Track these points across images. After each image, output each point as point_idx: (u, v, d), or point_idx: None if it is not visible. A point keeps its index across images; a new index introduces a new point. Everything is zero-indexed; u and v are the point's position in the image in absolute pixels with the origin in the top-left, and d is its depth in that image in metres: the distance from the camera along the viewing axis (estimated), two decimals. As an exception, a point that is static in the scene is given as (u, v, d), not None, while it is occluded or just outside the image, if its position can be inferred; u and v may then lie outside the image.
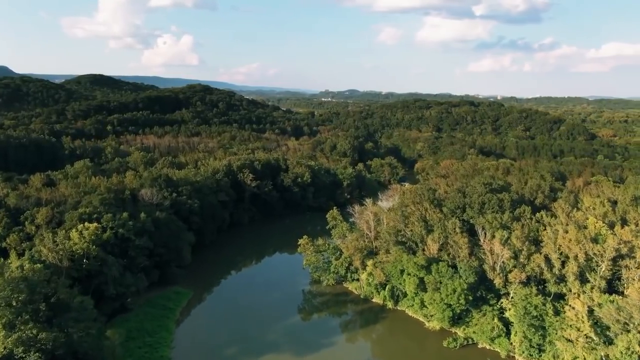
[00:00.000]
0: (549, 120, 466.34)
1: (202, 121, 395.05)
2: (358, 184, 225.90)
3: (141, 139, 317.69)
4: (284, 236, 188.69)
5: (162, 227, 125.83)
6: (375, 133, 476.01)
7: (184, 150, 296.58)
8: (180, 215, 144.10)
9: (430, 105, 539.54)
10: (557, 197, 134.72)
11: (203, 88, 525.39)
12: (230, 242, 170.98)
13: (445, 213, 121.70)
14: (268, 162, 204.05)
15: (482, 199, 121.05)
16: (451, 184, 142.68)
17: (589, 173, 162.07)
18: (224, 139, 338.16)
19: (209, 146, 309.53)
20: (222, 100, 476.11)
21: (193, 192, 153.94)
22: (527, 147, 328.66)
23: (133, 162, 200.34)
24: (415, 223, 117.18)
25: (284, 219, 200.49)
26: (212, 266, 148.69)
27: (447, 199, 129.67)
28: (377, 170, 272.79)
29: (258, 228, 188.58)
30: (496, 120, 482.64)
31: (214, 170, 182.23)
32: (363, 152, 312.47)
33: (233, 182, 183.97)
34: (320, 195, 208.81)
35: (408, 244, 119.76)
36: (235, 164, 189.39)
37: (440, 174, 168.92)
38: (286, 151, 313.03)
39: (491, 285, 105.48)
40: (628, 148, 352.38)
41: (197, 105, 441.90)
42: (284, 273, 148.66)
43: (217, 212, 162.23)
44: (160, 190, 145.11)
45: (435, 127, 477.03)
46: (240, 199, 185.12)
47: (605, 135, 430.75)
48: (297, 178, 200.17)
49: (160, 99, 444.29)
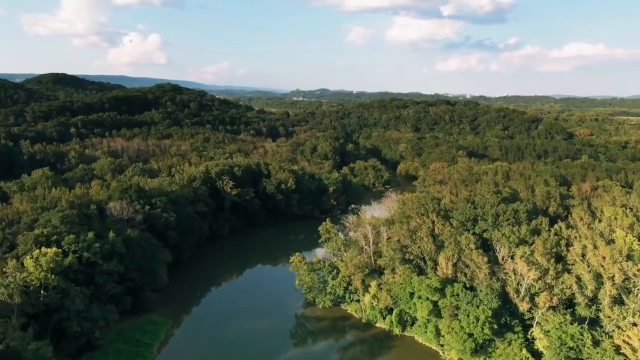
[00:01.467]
0: (527, 119, 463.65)
1: (173, 122, 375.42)
2: (343, 189, 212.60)
3: (108, 142, 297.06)
4: (269, 248, 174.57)
5: (135, 247, 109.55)
6: (352, 133, 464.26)
7: (154, 153, 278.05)
8: (154, 231, 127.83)
9: (407, 105, 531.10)
10: (569, 205, 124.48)
11: (173, 88, 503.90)
12: (211, 256, 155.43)
13: (455, 226, 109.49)
14: (248, 168, 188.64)
15: (496, 210, 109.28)
16: (455, 192, 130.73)
17: (594, 177, 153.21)
18: (197, 141, 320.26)
19: (181, 149, 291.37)
20: (193, 100, 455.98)
21: (168, 203, 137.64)
22: (510, 148, 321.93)
23: (99, 170, 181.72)
24: (425, 238, 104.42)
25: (267, 229, 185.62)
26: (192, 286, 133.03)
27: (454, 209, 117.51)
28: (360, 173, 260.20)
29: (240, 239, 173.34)
30: (474, 119, 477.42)
31: (190, 177, 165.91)
32: (344, 154, 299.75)
33: (211, 190, 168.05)
34: (305, 203, 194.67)
35: (415, 262, 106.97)
36: (214, 170, 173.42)
37: (437, 179, 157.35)
38: (263, 154, 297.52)
39: (514, 309, 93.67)
40: (608, 147, 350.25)
41: (167, 105, 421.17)
42: (272, 292, 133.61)
43: (195, 224, 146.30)
44: (131, 202, 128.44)
45: (413, 127, 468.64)
46: (219, 208, 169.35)
47: (582, 134, 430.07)
48: (280, 184, 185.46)
49: (128, 99, 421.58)
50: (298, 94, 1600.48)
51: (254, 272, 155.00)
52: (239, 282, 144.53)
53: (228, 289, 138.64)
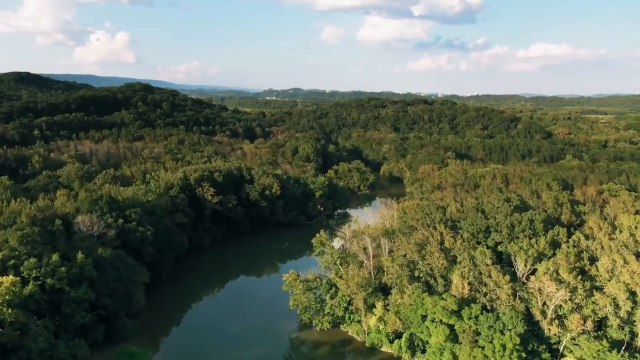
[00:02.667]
0: (506, 118, 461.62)
1: (145, 123, 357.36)
2: (330, 194, 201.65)
3: (75, 144, 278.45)
4: (253, 259, 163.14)
5: (107, 268, 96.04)
6: (331, 133, 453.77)
7: (126, 157, 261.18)
8: (129, 247, 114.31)
9: (385, 104, 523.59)
10: (580, 212, 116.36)
11: (143, 87, 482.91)
12: (191, 272, 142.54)
13: (465, 239, 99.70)
14: (230, 173, 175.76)
15: (511, 220, 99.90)
16: (459, 200, 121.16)
17: (596, 180, 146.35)
18: (171, 143, 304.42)
19: (154, 152, 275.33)
20: (165, 100, 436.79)
21: (144, 215, 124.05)
22: (494, 148, 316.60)
23: (66, 177, 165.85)
24: (435, 253, 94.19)
25: (250, 238, 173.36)
26: (172, 308, 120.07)
27: (462, 219, 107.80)
28: (344, 176, 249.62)
29: (222, 250, 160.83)
30: (453, 119, 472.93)
31: (167, 184, 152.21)
32: (326, 156, 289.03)
33: (191, 198, 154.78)
34: (291, 209, 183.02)
35: (424, 279, 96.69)
36: (192, 177, 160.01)
37: (434, 184, 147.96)
38: (242, 156, 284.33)
39: (539, 332, 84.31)
40: (589, 146, 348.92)
41: (138, 105, 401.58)
42: (262, 310, 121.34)
43: (174, 237, 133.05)
44: (103, 215, 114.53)
45: (392, 127, 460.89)
46: (199, 217, 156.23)
47: (560, 133, 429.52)
48: (264, 190, 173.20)
49: (96, 99, 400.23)
50: (271, 94, 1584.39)
51: (240, 287, 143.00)
52: (224, 300, 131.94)
53: (213, 308, 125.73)
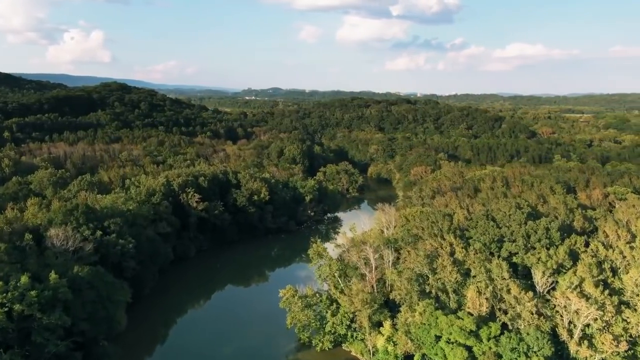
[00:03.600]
0: (490, 118, 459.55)
1: (123, 124, 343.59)
2: (319, 197, 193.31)
3: (48, 147, 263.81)
4: (242, 268, 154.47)
5: (84, 288, 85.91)
6: (315, 134, 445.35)
7: (103, 160, 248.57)
8: (108, 262, 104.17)
9: (369, 104, 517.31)
10: (592, 218, 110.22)
11: (120, 87, 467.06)
12: (176, 284, 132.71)
13: (477, 250, 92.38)
14: (215, 177, 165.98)
15: (526, 229, 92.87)
16: (464, 205, 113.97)
17: (600, 183, 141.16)
18: (151, 145, 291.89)
19: (133, 154, 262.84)
20: (143, 100, 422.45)
21: (125, 226, 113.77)
22: (482, 148, 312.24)
23: (37, 183, 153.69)
24: (448, 267, 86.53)
25: (238, 246, 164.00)
26: (157, 328, 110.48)
27: (471, 228, 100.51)
28: (332, 178, 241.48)
29: (209, 260, 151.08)
30: (437, 118, 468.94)
31: (149, 191, 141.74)
32: (313, 157, 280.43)
33: (174, 205, 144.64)
34: (280, 214, 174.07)
35: (435, 294, 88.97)
36: (176, 182, 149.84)
37: (434, 188, 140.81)
38: (225, 158, 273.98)
39: (564, 352, 77.32)
40: (575, 146, 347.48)
41: (115, 106, 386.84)
42: (254, 328, 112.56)
43: (157, 249, 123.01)
44: (79, 227, 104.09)
45: (376, 127, 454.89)
46: (184, 226, 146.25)
47: (544, 132, 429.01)
48: (252, 195, 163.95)
49: (71, 99, 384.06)
50: (250, 93, 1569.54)
51: (229, 300, 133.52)
52: (213, 316, 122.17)
53: (201, 325, 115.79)
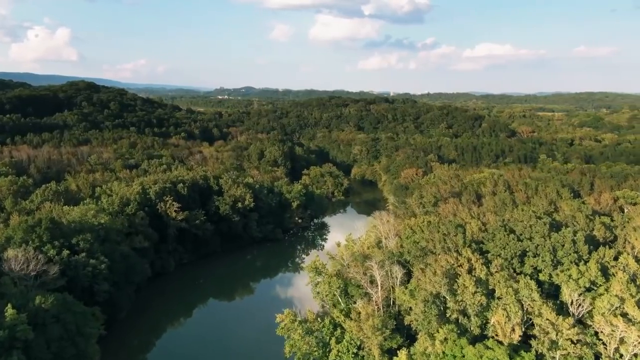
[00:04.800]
0: (470, 117, 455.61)
1: (91, 125, 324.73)
2: (306, 202, 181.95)
3: (10, 150, 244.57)
4: (227, 282, 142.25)
5: (49, 323, 72.64)
6: (293, 134, 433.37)
7: (70, 163, 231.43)
8: (78, 287, 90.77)
9: (347, 103, 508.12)
10: (610, 226, 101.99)
11: (88, 85, 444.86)
12: (154, 303, 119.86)
13: (499, 266, 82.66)
14: (195, 183, 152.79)
15: (552, 243, 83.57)
16: (475, 214, 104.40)
17: (605, 186, 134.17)
18: (122, 147, 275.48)
19: (103, 157, 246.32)
20: (113, 100, 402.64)
21: (96, 242, 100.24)
22: (466, 148, 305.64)
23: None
24: (470, 287, 76.42)
25: (221, 258, 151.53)
26: (133, 353, 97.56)
27: (488, 240, 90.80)
28: (317, 181, 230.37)
29: (190, 274, 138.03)
30: (417, 118, 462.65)
31: (123, 200, 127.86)
32: (294, 159, 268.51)
33: (151, 215, 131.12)
34: (266, 222, 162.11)
35: (455, 317, 78.78)
36: (152, 190, 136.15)
37: (435, 194, 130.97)
38: (202, 160, 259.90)
39: (608, 386, 68.08)
40: (557, 145, 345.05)
41: (82, 106, 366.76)
42: (240, 349, 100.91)
43: (133, 266, 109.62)
44: (42, 246, 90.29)
45: (356, 126, 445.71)
46: (162, 238, 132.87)
47: (524, 131, 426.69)
48: (236, 202, 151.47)
49: (35, 98, 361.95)
50: (222, 92, 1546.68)
51: (215, 321, 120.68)
52: (195, 336, 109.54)
53: (181, 349, 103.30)
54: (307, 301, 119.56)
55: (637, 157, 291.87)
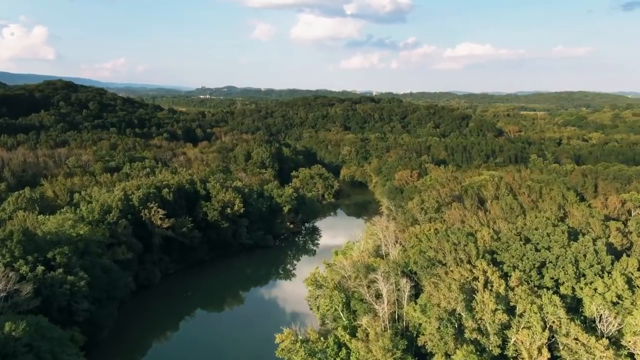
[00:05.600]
0: (457, 116, 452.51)
1: (69, 126, 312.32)
2: (297, 206, 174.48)
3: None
4: (216, 293, 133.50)
5: (20, 353, 63.95)
6: (278, 134, 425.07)
7: (47, 166, 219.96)
8: (54, 307, 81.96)
9: (333, 103, 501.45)
10: (626, 232, 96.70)
11: (66, 85, 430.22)
12: (138, 318, 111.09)
13: (518, 279, 76.36)
14: (181, 188, 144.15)
15: (574, 253, 77.55)
16: (485, 222, 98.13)
17: (611, 188, 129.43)
18: (102, 149, 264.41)
19: (82, 159, 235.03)
20: (92, 100, 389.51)
21: (75, 256, 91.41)
22: (456, 148, 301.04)
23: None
24: (489, 304, 69.92)
25: (209, 267, 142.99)
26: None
27: (502, 251, 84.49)
28: (306, 183, 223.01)
29: (177, 286, 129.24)
30: (404, 117, 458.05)
31: (104, 207, 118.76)
32: (282, 160, 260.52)
33: (135, 223, 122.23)
34: (256, 228, 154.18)
35: (472, 337, 72.24)
36: (136, 196, 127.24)
37: (435, 197, 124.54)
38: (186, 162, 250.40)
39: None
40: (545, 145, 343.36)
41: (60, 106, 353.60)
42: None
43: (116, 281, 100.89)
44: (14, 262, 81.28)
45: (342, 126, 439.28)
46: (147, 248, 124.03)
47: (511, 131, 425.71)
48: (225, 208, 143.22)
49: (10, 98, 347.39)
50: (204, 92, 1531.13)
51: (200, 330, 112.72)
52: (182, 352, 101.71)
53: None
54: (300, 310, 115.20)
55: (627, 156, 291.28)
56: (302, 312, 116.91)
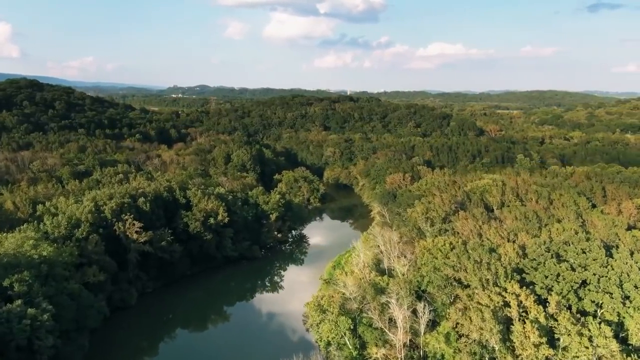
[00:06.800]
0: (438, 116, 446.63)
1: (34, 127, 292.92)
2: (284, 213, 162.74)
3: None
4: (197, 309, 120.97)
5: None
6: (256, 134, 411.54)
7: (8, 171, 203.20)
8: (11, 346, 68.58)
9: (311, 102, 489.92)
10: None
11: (30, 83, 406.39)
12: (113, 347, 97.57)
13: (558, 305, 66.74)
14: (159, 196, 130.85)
15: (617, 273, 68.31)
16: (505, 234, 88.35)
17: (622, 193, 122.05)
18: (70, 152, 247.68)
19: (48, 163, 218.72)
20: (59, 99, 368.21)
21: (37, 282, 77.94)
22: (441, 148, 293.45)
23: None
24: (531, 336, 59.97)
25: (191, 283, 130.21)
26: None
27: (530, 268, 74.78)
28: (291, 187, 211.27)
29: (156, 306, 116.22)
30: (384, 116, 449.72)
31: (72, 221, 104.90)
32: (263, 162, 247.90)
33: (107, 238, 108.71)
34: (242, 238, 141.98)
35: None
36: (108, 207, 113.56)
37: (442, 205, 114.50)
38: (161, 165, 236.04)
39: None
40: (528, 144, 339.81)
41: (24, 105, 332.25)
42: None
43: (86, 308, 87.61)
44: (-39, 295, 67.59)
45: (322, 126, 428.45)
46: (121, 265, 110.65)
47: (492, 130, 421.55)
48: (207, 218, 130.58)
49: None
50: (176, 91, 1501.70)
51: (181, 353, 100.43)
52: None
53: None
54: (289, 325, 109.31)
55: (611, 155, 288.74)
56: (291, 326, 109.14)
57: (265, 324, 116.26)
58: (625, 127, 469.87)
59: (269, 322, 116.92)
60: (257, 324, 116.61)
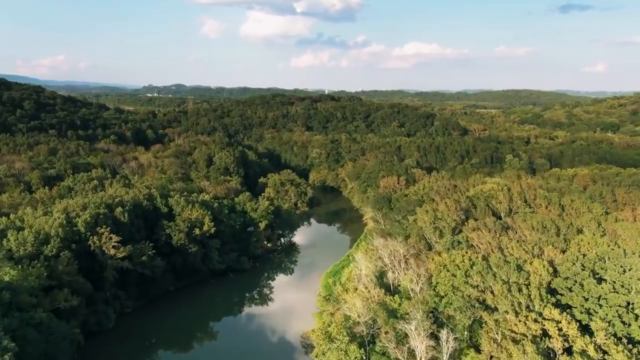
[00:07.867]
0: (422, 115, 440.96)
1: (1, 128, 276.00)
2: (272, 220, 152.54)
3: None
4: (182, 328, 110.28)
5: None
6: (237, 135, 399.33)
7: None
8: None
9: (293, 101, 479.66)
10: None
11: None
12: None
13: (604, 333, 58.56)
14: (138, 205, 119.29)
15: (671, 296, 60.41)
16: (530, 248, 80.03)
17: (636, 197, 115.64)
18: (40, 154, 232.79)
19: (15, 167, 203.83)
20: (27, 98, 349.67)
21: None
22: (429, 149, 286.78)
23: None
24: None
25: (174, 299, 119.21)
26: None
27: (565, 289, 66.53)
28: (277, 191, 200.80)
29: (136, 328, 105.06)
30: (367, 116, 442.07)
31: (40, 236, 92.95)
32: (247, 165, 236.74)
33: (80, 255, 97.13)
34: (229, 249, 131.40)
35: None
36: (82, 219, 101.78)
37: (448, 214, 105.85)
38: (138, 169, 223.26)
39: None
40: (514, 144, 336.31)
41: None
42: None
43: (56, 342, 76.18)
44: None
45: (304, 125, 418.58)
46: (96, 284, 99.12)
47: (476, 129, 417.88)
48: (192, 229, 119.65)
49: None
50: (152, 90, 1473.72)
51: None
52: None
53: None
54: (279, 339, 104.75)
55: (599, 155, 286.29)
56: (281, 339, 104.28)
57: (257, 342, 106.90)
58: (605, 126, 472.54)
59: (261, 340, 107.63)
60: (248, 342, 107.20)
